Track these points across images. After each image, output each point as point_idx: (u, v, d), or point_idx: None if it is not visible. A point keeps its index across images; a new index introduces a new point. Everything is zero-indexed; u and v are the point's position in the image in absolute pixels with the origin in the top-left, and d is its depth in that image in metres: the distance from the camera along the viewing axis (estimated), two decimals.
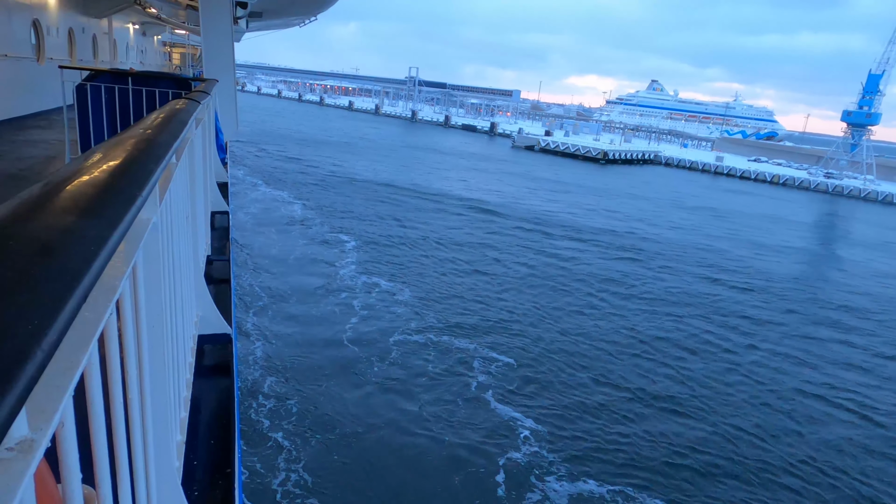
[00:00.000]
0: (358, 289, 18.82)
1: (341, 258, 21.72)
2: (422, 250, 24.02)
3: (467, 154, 64.72)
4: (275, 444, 10.63)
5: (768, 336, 18.70)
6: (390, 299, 18.10)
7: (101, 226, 0.93)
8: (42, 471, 0.84)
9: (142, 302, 1.55)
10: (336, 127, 79.31)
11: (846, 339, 19.28)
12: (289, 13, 28.40)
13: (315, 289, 18.43)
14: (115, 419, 1.19)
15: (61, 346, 0.67)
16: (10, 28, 13.79)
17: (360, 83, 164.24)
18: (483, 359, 14.77)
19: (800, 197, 59.68)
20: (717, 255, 28.90)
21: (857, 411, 14.46)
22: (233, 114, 14.21)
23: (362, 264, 21.22)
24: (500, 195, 38.86)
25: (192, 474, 2.56)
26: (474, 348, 15.27)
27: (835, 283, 26.74)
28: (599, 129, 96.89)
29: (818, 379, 15.97)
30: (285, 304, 16.91)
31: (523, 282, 21.41)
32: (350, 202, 31.77)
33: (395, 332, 15.71)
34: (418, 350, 14.91)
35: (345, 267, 20.72)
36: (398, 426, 11.59)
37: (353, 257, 21.93)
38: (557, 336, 16.80)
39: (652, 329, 18.06)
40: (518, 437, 11.68)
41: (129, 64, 28.34)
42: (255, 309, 16.28)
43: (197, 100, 4.22)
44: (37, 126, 12.68)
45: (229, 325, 3.98)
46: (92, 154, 1.35)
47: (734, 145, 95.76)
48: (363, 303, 17.64)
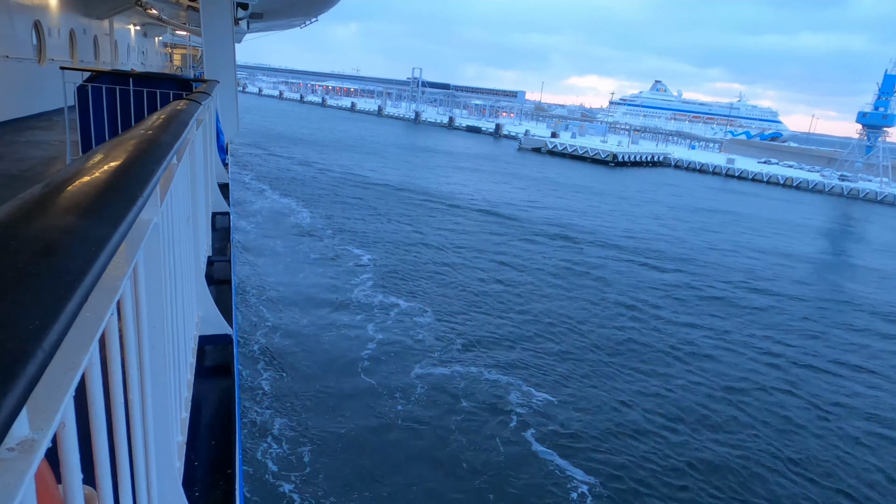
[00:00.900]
0: (375, 308, 17.04)
1: (355, 273, 20.06)
2: (441, 260, 22.51)
3: (474, 156, 63.70)
4: None
5: None
6: (410, 322, 16.32)
7: (102, 226, 0.93)
8: (43, 471, 0.83)
9: (143, 302, 1.55)
10: (341, 129, 78.20)
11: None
12: (290, 14, 28.44)
13: (327, 310, 16.65)
14: (116, 419, 1.19)
15: (62, 346, 0.67)
16: (11, 29, 13.81)
17: (361, 84, 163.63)
18: (519, 392, 13.09)
19: (814, 200, 58.06)
20: (754, 265, 27.36)
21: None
22: (234, 115, 14.22)
23: (378, 279, 19.55)
24: (515, 200, 37.66)
25: (192, 475, 2.56)
26: (508, 381, 13.53)
27: None
28: (605, 131, 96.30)
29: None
30: (294, 329, 15.25)
31: (553, 295, 19.91)
32: (362, 209, 30.31)
33: (418, 362, 14.01)
34: (445, 384, 13.17)
35: (360, 283, 18.95)
36: (430, 484, 9.91)
37: (369, 272, 20.21)
38: (600, 362, 15.05)
39: (708, 347, 16.37)
40: (569, 494, 10.17)
41: (131, 65, 28.38)
42: (263, 330, 14.81)
43: (198, 101, 4.22)
44: (38, 127, 12.70)
45: (230, 325, 3.98)
46: (93, 154, 1.36)
47: (742, 146, 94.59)
48: (380, 325, 15.92)
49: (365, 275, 19.87)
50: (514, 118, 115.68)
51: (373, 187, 36.88)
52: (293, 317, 15.96)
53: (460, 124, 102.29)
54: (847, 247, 37.17)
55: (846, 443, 12.82)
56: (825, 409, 14.19)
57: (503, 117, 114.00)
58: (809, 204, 54.97)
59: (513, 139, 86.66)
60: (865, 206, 58.43)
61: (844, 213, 52.76)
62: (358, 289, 18.51)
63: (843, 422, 13.69)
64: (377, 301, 17.66)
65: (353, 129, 79.94)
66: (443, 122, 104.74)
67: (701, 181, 62.75)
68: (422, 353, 14.52)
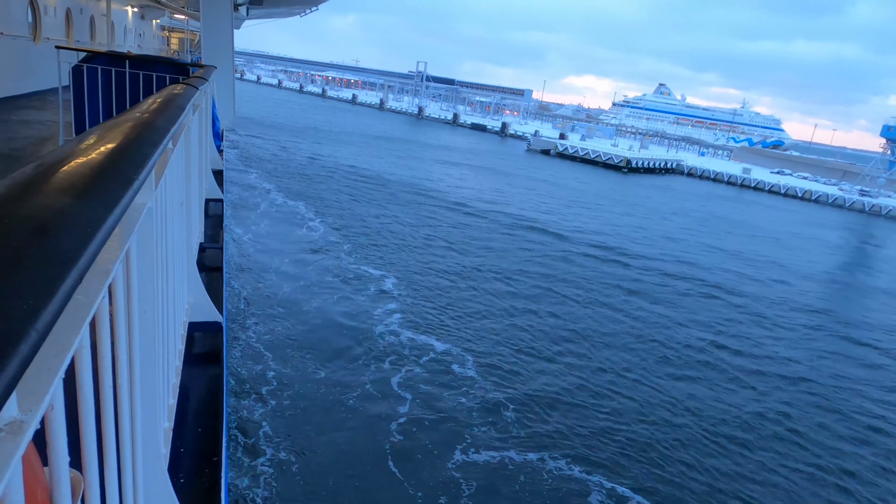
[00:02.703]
0: (405, 353, 13.16)
1: (379, 300, 16.25)
2: (477, 287, 18.45)
3: (483, 154, 60.61)
4: None
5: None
6: (449, 375, 12.44)
7: (96, 208, 0.92)
8: (29, 453, 0.83)
9: (134, 287, 1.54)
10: (345, 121, 75.32)
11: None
12: (290, 2, 28.29)
13: (344, 359, 12.63)
14: (104, 404, 1.18)
15: (54, 328, 0.66)
16: (6, 6, 13.64)
17: (362, 76, 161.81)
18: (601, 491, 9.54)
19: (834, 215, 54.46)
20: None
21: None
22: (230, 101, 14.14)
23: (404, 311, 15.65)
24: (542, 210, 33.99)
25: (178, 461, 2.55)
26: (584, 476, 9.83)
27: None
28: (613, 133, 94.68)
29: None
30: (303, 384, 11.40)
31: (619, 336, 16.01)
32: (379, 216, 26.32)
33: (460, 442, 10.29)
34: (501, 478, 9.49)
35: (383, 318, 15.03)
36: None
37: (393, 301, 16.25)
38: (700, 443, 11.40)
39: None
40: None
41: (127, 47, 28.10)
42: (268, 387, 11.22)
43: (195, 85, 4.19)
44: (31, 106, 12.56)
45: (220, 313, 3.97)
46: (88, 136, 1.34)
47: (753, 155, 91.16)
48: (408, 377, 12.14)
49: (390, 304, 16.13)
50: (518, 117, 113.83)
51: (390, 190, 32.93)
52: (301, 362, 12.23)
53: (465, 121, 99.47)
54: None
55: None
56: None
57: (507, 115, 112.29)
58: (832, 221, 50.90)
59: (519, 139, 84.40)
60: (888, 223, 54.46)
61: (870, 231, 48.59)
62: (381, 324, 14.69)
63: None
64: (404, 340, 13.90)
65: (356, 122, 77.11)
66: (447, 118, 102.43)
67: (715, 190, 59.62)
68: (464, 426, 10.77)
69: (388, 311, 15.45)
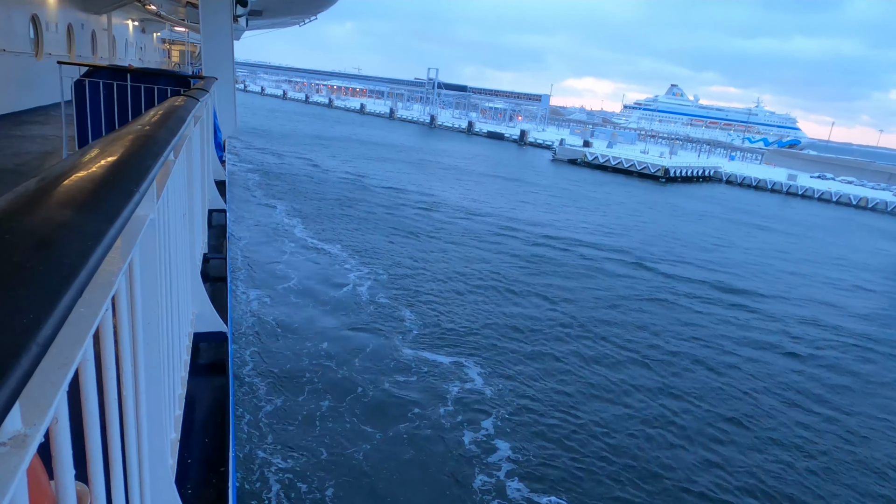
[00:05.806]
0: (429, 394, 11.81)
1: (400, 332, 14.69)
2: (550, 333, 16.19)
3: (512, 167, 56.21)
4: None
5: None
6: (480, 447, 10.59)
7: (98, 221, 0.93)
8: (35, 466, 0.83)
9: (137, 298, 1.55)
10: (358, 133, 72.27)
11: None
12: (289, 12, 28.42)
13: None
14: (109, 416, 1.18)
15: (56, 340, 0.67)
16: (8, 23, 13.75)
17: (367, 84, 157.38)
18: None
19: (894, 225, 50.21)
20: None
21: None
22: (231, 112, 14.20)
23: (435, 342, 14.07)
24: (612, 232, 30.99)
25: (185, 472, 2.55)
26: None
27: None
28: (635, 138, 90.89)
29: None
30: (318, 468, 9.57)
31: (700, 388, 13.76)
32: (403, 240, 23.88)
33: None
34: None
35: (410, 350, 13.75)
36: None
37: (425, 335, 14.64)
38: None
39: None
40: None
41: (128, 61, 28.27)
42: None
43: (196, 97, 4.21)
44: (34, 122, 12.64)
45: (225, 323, 3.97)
46: (90, 149, 1.35)
47: (787, 158, 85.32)
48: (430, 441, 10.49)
49: (412, 331, 14.82)
50: (533, 123, 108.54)
51: (415, 210, 30.42)
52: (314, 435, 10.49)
53: (480, 129, 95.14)
54: None
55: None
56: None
57: (519, 121, 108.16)
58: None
59: (539, 147, 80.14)
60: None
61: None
62: (414, 366, 13.15)
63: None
64: (433, 383, 12.40)
65: (367, 133, 73.06)
66: (461, 126, 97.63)
67: (760, 199, 55.69)
68: None
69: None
